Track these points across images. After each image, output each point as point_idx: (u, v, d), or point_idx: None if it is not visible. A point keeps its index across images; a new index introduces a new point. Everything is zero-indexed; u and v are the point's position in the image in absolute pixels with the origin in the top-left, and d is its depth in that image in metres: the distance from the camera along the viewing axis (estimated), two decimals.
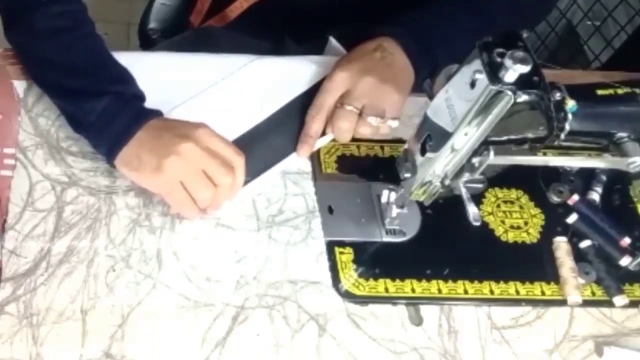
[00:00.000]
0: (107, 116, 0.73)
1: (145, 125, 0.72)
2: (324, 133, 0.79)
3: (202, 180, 0.70)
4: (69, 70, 0.76)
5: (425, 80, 0.72)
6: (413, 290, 0.75)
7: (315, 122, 0.78)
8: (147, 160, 0.70)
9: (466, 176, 0.65)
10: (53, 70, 0.77)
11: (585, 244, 0.80)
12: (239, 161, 0.72)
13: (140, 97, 0.76)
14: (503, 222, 0.81)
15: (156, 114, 0.74)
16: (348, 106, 0.76)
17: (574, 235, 0.81)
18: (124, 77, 0.77)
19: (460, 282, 0.76)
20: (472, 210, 0.68)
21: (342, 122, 0.76)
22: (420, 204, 0.77)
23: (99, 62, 0.78)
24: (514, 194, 0.84)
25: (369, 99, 0.76)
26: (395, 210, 0.75)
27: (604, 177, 0.86)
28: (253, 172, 0.77)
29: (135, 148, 0.71)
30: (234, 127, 0.79)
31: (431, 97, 0.66)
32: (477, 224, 0.67)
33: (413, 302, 0.74)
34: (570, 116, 0.60)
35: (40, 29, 0.76)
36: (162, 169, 0.70)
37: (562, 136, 0.61)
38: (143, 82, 0.78)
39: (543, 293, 0.77)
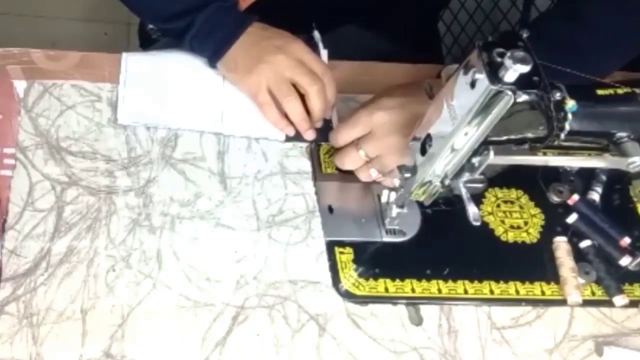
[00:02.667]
0: (211, 25, 0.79)
1: (246, 31, 0.79)
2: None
3: (286, 86, 0.78)
4: None
5: (425, 81, 0.72)
6: (413, 290, 0.75)
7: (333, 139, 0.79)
8: (242, 63, 0.79)
9: (466, 176, 0.65)
10: None
11: (585, 244, 0.80)
12: (326, 73, 0.79)
13: (235, 5, 0.83)
14: (503, 222, 0.81)
15: (253, 19, 0.80)
16: (362, 151, 0.76)
17: (574, 235, 0.81)
18: None
19: (460, 282, 0.76)
20: (472, 210, 0.67)
21: (347, 161, 0.77)
22: (420, 204, 0.77)
23: None
24: (514, 194, 0.84)
25: (385, 156, 0.75)
26: (395, 210, 0.75)
27: (604, 177, 0.86)
28: None
29: (235, 52, 0.79)
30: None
31: (431, 97, 0.66)
32: (477, 223, 0.67)
33: (413, 302, 0.74)
34: (570, 116, 0.60)
35: None
36: (252, 72, 0.78)
37: (562, 136, 0.61)
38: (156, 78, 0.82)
39: (543, 293, 0.77)
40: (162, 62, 0.84)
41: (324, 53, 0.86)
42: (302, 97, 0.79)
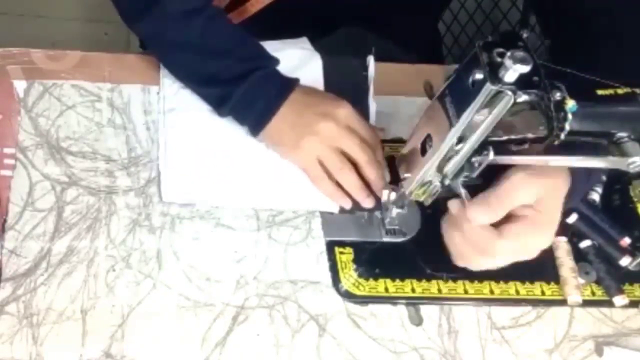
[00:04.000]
0: (251, 96, 0.75)
1: (288, 100, 0.75)
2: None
3: (337, 157, 0.74)
4: (207, 54, 0.77)
5: (426, 80, 0.72)
6: (413, 290, 0.75)
7: None
8: (287, 136, 0.75)
9: (465, 175, 0.65)
10: (190, 54, 0.77)
11: (585, 244, 0.80)
12: (375, 139, 0.76)
13: (277, 70, 0.78)
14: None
15: (295, 83, 0.77)
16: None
17: (574, 235, 0.81)
18: (260, 52, 0.78)
19: (460, 282, 0.76)
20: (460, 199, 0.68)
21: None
22: (420, 204, 0.77)
23: (234, 41, 0.78)
24: None
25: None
26: (395, 211, 0.75)
27: (604, 177, 0.86)
28: None
29: (278, 123, 0.75)
30: None
31: (431, 97, 0.66)
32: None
33: (413, 302, 0.74)
34: (570, 116, 0.60)
35: (173, 13, 0.76)
36: (300, 146, 0.75)
37: (562, 136, 0.61)
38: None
39: (543, 293, 0.77)
40: (201, 131, 0.80)
41: (372, 73, 0.83)
42: (355, 165, 0.76)
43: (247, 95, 0.76)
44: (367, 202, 0.76)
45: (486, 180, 0.66)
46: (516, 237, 0.66)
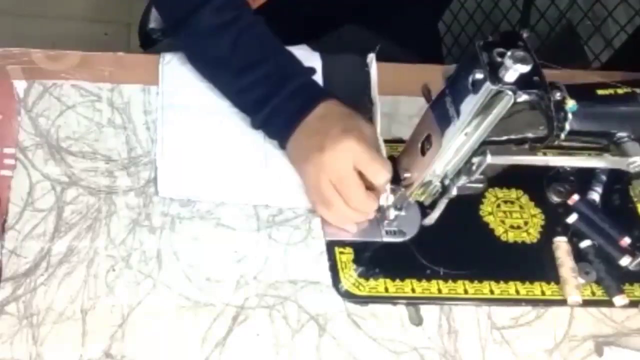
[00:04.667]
0: (278, 111, 0.76)
1: (310, 115, 0.74)
2: None
3: (330, 190, 0.72)
4: (239, 68, 0.77)
5: (424, 84, 0.72)
6: (413, 290, 0.75)
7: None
8: (296, 157, 0.76)
9: (464, 179, 0.65)
10: (223, 68, 0.78)
11: (585, 244, 0.80)
12: (381, 183, 0.71)
13: (307, 82, 0.78)
14: (503, 222, 0.81)
15: (320, 98, 0.75)
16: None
17: (574, 235, 0.81)
18: (293, 69, 0.78)
19: (460, 282, 0.76)
20: (433, 215, 0.70)
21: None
22: (420, 204, 0.77)
23: (265, 55, 0.78)
24: (514, 194, 0.84)
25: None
26: (393, 213, 0.75)
27: (604, 177, 0.86)
28: None
29: (295, 143, 0.75)
30: None
31: (429, 100, 0.66)
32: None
33: (413, 302, 0.74)
34: (570, 116, 0.60)
35: (203, 30, 0.77)
36: (305, 172, 0.75)
37: (562, 136, 0.61)
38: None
39: (543, 293, 0.77)
40: (199, 127, 0.80)
41: (374, 74, 0.82)
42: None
43: (274, 110, 0.76)
44: (350, 228, 0.77)
45: (489, 180, 0.66)
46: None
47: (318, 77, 0.84)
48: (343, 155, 0.71)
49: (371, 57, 0.80)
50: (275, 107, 0.76)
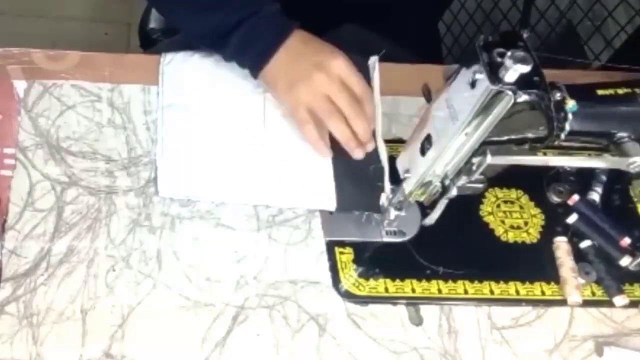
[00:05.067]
0: (249, 39, 0.78)
1: (284, 46, 0.77)
2: None
3: (327, 105, 0.76)
4: (209, 5, 0.79)
5: (424, 84, 0.72)
6: (413, 290, 0.75)
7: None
8: (281, 81, 0.78)
9: (464, 179, 0.65)
10: (193, 9, 0.79)
11: (585, 244, 0.80)
12: (367, 94, 0.77)
13: (274, 13, 0.79)
14: (503, 222, 0.81)
15: (292, 27, 0.78)
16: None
17: (574, 235, 0.81)
18: None
19: (460, 282, 0.76)
20: (433, 215, 0.70)
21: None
22: (420, 204, 0.77)
23: None
24: (514, 194, 0.84)
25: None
26: (393, 213, 0.75)
27: (604, 177, 0.86)
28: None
29: (274, 67, 0.78)
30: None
31: (429, 100, 0.66)
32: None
33: (413, 302, 0.74)
34: (570, 116, 0.60)
35: None
36: (291, 91, 0.77)
37: (562, 136, 0.61)
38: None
39: (543, 293, 0.77)
40: (200, 126, 0.80)
41: (376, 77, 0.82)
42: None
43: (243, 39, 0.78)
44: (356, 153, 0.77)
45: (489, 180, 0.66)
46: None
47: None
48: (337, 71, 0.76)
49: (374, 60, 0.80)
50: (250, 33, 0.78)
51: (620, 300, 0.77)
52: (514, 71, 0.55)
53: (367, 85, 0.78)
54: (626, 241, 0.80)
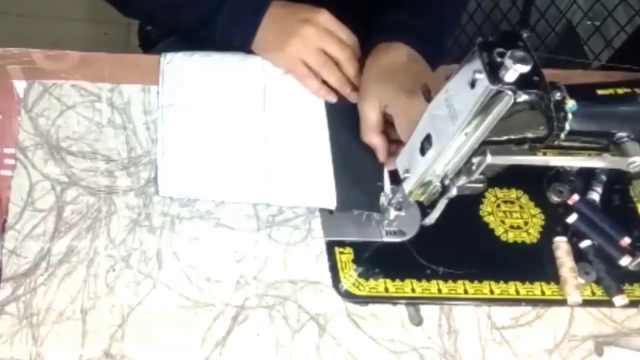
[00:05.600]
0: (231, 23, 0.82)
1: (267, 13, 0.82)
2: None
3: (320, 56, 0.81)
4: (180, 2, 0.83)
5: (423, 84, 0.72)
6: (413, 290, 0.75)
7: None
8: (272, 44, 0.82)
9: (464, 179, 0.65)
10: (178, 8, 0.84)
11: (585, 244, 0.80)
12: (353, 41, 0.83)
13: None
14: (503, 222, 0.81)
15: None
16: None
17: (574, 235, 0.81)
18: None
19: (460, 282, 0.76)
20: (433, 215, 0.70)
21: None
22: (420, 204, 0.77)
23: None
24: (514, 194, 0.84)
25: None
26: (393, 213, 0.75)
27: (604, 177, 0.86)
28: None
29: (263, 34, 0.82)
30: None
31: (429, 100, 0.66)
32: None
33: (413, 302, 0.74)
34: (570, 116, 0.60)
35: None
36: (284, 50, 0.81)
37: (562, 136, 0.61)
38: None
39: (543, 293, 0.77)
40: (200, 126, 0.80)
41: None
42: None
43: (231, 17, 0.82)
44: (352, 97, 0.82)
45: (489, 180, 0.66)
46: None
47: None
48: (324, 24, 0.81)
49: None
50: (234, 11, 0.81)
51: (620, 300, 0.77)
52: (513, 71, 0.55)
53: (351, 33, 0.83)
54: (626, 241, 0.81)
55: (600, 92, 0.63)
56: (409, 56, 0.80)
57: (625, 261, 0.80)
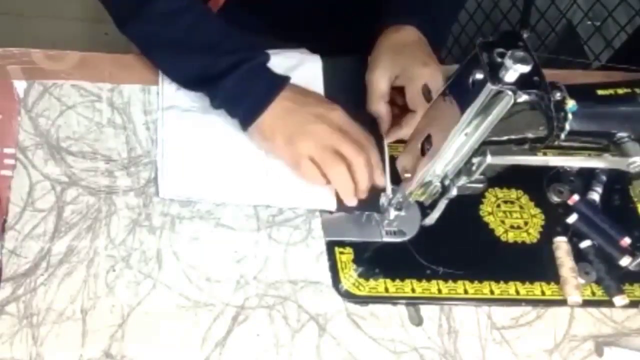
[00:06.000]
0: (240, 89, 0.75)
1: (279, 97, 0.75)
2: None
3: (331, 156, 0.74)
4: (195, 50, 0.77)
5: (424, 84, 0.72)
6: (413, 290, 0.75)
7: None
8: (279, 133, 0.75)
9: (464, 179, 0.65)
10: (178, 53, 0.78)
11: (585, 244, 0.80)
12: (369, 142, 0.77)
13: (266, 64, 0.77)
14: (503, 222, 0.81)
15: (286, 80, 0.77)
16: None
17: (574, 235, 0.81)
18: (248, 45, 0.78)
19: (460, 282, 0.76)
20: (433, 215, 0.70)
21: None
22: (420, 204, 0.77)
23: (220, 35, 0.78)
24: (514, 194, 0.84)
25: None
26: (393, 213, 0.75)
27: (604, 177, 0.86)
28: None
29: (270, 119, 0.75)
30: None
31: (429, 100, 0.66)
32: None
33: (413, 302, 0.74)
34: (570, 116, 0.60)
35: (160, 12, 0.76)
36: (293, 144, 0.75)
37: (562, 136, 0.61)
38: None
39: (543, 293, 0.77)
40: (200, 128, 0.80)
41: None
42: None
43: (237, 88, 0.76)
44: (349, 201, 0.77)
45: (489, 180, 0.66)
46: None
47: (318, 80, 0.84)
48: (337, 122, 0.76)
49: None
50: (243, 82, 0.75)
51: (620, 300, 0.77)
52: (514, 71, 0.55)
53: (367, 133, 0.78)
54: (626, 241, 0.81)
55: (600, 92, 0.63)
56: (419, 37, 0.80)
57: (625, 261, 0.80)
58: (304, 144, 0.74)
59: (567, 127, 0.60)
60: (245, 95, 0.76)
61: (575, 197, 0.83)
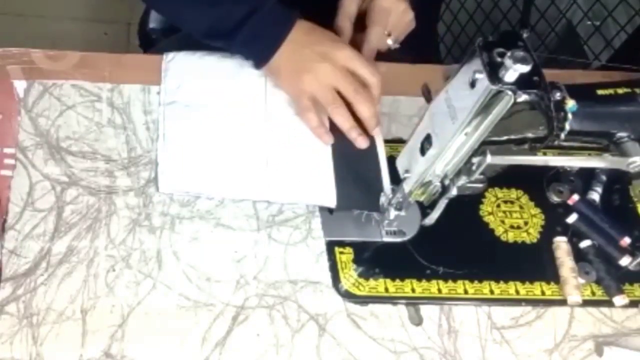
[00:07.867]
0: (252, 37, 0.79)
1: (288, 40, 0.79)
2: None
3: (330, 94, 0.78)
4: (206, 4, 0.79)
5: (423, 84, 0.73)
6: (413, 290, 0.75)
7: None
8: (285, 72, 0.80)
9: (464, 179, 0.65)
10: (196, 3, 0.80)
11: (585, 244, 0.80)
12: (373, 80, 0.79)
13: (275, 7, 0.79)
14: (503, 222, 0.81)
15: (294, 19, 0.79)
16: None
17: (574, 235, 0.81)
18: None
19: (460, 282, 0.76)
20: (433, 215, 0.70)
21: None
22: (420, 204, 0.77)
23: None
24: (514, 194, 0.84)
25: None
26: (393, 213, 0.75)
27: (604, 177, 0.86)
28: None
29: (279, 59, 0.79)
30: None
31: (429, 100, 0.66)
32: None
33: (413, 302, 0.74)
34: (570, 116, 0.60)
35: None
36: (296, 81, 0.79)
37: (562, 136, 0.61)
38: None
39: (543, 293, 0.77)
40: (201, 123, 0.80)
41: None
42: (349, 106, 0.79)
43: (250, 36, 0.79)
44: (360, 142, 0.79)
45: (489, 180, 0.66)
46: None
47: None
48: (342, 62, 0.78)
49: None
50: (256, 27, 0.78)
51: (620, 300, 0.77)
52: (513, 71, 0.55)
53: (374, 69, 0.79)
54: (626, 241, 0.81)
55: (600, 92, 0.63)
56: None
57: (625, 261, 0.80)
58: (307, 81, 0.78)
59: (567, 127, 0.60)
60: (257, 40, 0.79)
61: (575, 197, 0.83)
